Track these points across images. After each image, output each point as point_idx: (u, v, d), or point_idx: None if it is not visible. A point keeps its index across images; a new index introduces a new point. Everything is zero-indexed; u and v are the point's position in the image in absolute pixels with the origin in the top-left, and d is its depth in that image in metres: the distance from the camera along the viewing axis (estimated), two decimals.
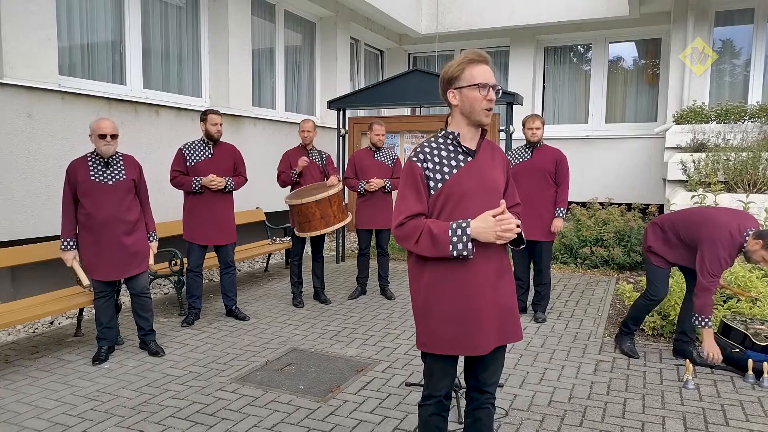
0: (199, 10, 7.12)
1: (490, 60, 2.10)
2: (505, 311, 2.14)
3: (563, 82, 10.80)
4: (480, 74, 2.04)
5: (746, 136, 7.31)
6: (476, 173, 2.12)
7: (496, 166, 2.19)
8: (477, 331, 2.07)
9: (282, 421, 3.20)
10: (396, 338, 4.64)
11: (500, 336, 2.14)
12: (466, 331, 2.07)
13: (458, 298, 2.08)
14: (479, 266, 2.08)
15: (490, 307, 2.10)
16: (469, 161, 2.12)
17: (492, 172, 2.16)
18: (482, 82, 2.03)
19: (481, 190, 2.11)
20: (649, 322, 4.64)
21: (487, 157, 2.18)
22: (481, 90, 2.03)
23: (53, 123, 5.14)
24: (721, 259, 3.62)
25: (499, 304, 2.13)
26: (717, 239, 3.63)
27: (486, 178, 2.13)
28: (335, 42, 9.42)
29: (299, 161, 5.34)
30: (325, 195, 4.99)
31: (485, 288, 2.09)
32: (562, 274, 7.08)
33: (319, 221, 5.06)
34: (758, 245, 3.54)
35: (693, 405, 3.43)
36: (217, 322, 5.05)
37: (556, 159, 4.98)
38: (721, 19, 8.87)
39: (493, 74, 2.09)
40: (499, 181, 2.17)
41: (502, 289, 2.14)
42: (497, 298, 2.12)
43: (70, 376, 3.82)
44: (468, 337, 2.07)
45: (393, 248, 8.10)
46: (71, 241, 4.02)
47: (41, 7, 4.99)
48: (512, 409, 3.37)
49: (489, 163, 2.17)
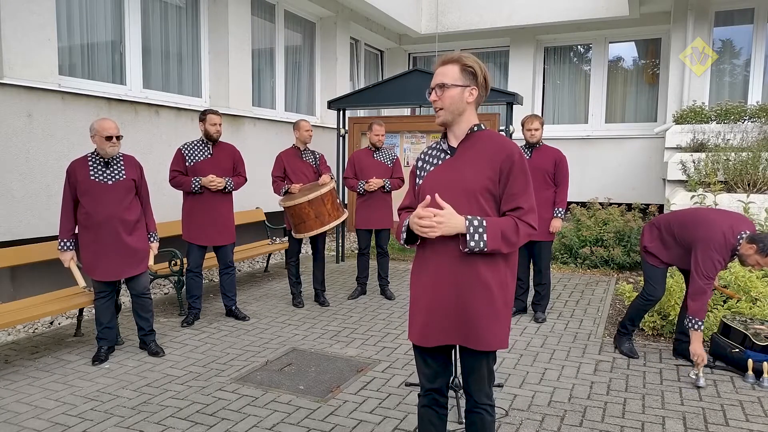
0: (199, 10, 7.12)
1: (449, 58, 2.14)
2: (464, 317, 2.10)
3: (563, 82, 10.80)
4: (432, 80, 2.17)
5: (746, 136, 7.31)
6: (448, 170, 2.16)
7: (479, 163, 2.10)
8: (422, 321, 2.17)
9: (282, 421, 3.21)
10: (396, 338, 4.64)
11: (459, 338, 2.12)
12: (418, 321, 2.18)
13: (415, 291, 2.22)
14: (431, 264, 2.15)
15: (436, 303, 2.13)
16: (447, 159, 2.18)
17: (465, 170, 2.11)
18: (431, 86, 2.16)
19: (448, 186, 2.13)
20: (648, 322, 4.64)
21: (469, 155, 2.14)
22: (429, 95, 2.18)
23: (53, 123, 5.14)
24: (715, 260, 3.62)
25: (455, 306, 2.10)
26: (710, 241, 3.63)
27: (455, 174, 2.13)
28: (335, 42, 9.42)
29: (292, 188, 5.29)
30: (318, 194, 4.98)
31: (434, 285, 2.13)
32: (562, 274, 7.08)
33: (314, 221, 5.05)
34: (752, 250, 3.53)
35: (693, 405, 3.43)
36: (217, 322, 5.05)
37: (556, 159, 4.98)
38: (721, 19, 8.87)
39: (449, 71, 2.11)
40: (471, 179, 2.09)
41: (463, 294, 2.09)
42: (455, 300, 2.09)
43: (70, 376, 3.82)
44: (418, 326, 2.18)
45: (393, 248, 8.10)
46: (69, 241, 4.02)
47: (41, 7, 4.99)
48: (512, 409, 3.37)
49: (468, 160, 2.13)
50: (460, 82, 2.10)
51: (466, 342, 2.12)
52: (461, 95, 2.11)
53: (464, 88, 2.10)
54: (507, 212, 2.09)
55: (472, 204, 2.08)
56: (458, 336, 2.13)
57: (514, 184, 2.08)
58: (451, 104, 2.11)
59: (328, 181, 5.22)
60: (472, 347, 2.11)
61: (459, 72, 2.10)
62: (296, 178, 5.42)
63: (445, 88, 2.10)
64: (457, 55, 2.14)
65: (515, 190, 2.08)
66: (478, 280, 2.08)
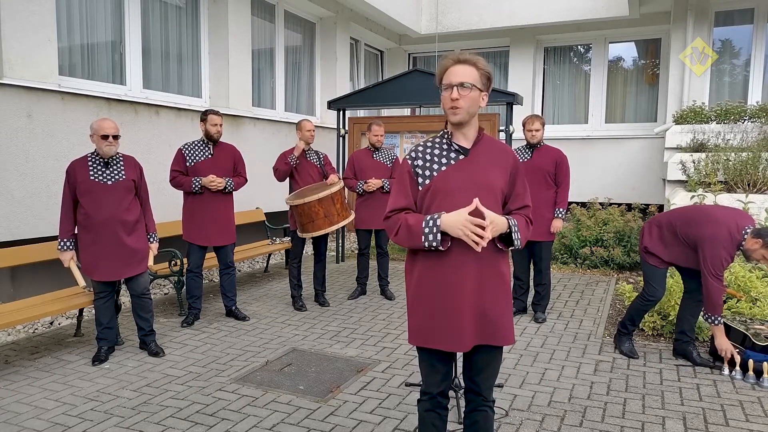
0: (199, 10, 7.12)
1: (466, 59, 2.12)
2: (486, 313, 2.13)
3: (563, 82, 10.80)
4: (447, 76, 2.12)
5: (746, 136, 7.30)
6: (466, 171, 2.15)
7: (494, 165, 2.18)
8: (452, 327, 2.12)
9: (282, 421, 3.21)
10: (396, 338, 4.63)
11: (481, 336, 2.14)
12: (442, 326, 2.14)
13: (436, 295, 2.14)
14: (457, 265, 2.11)
15: (466, 306, 2.11)
16: (461, 159, 2.17)
17: (486, 171, 2.16)
18: (446, 83, 2.12)
19: (471, 186, 2.12)
20: (648, 322, 4.64)
21: (483, 156, 2.18)
22: (445, 91, 2.13)
23: (53, 123, 5.14)
24: (722, 258, 3.63)
25: (478, 305, 2.12)
26: (717, 239, 3.64)
27: (477, 175, 2.14)
28: (335, 42, 9.42)
29: (296, 145, 5.32)
30: (328, 193, 4.95)
31: (462, 287, 2.10)
32: (562, 274, 7.08)
33: (323, 220, 4.99)
34: (757, 244, 3.54)
35: (693, 405, 3.43)
36: (217, 322, 5.05)
37: (556, 159, 4.98)
38: (721, 19, 8.87)
39: (469, 72, 2.09)
40: (493, 180, 2.15)
41: (486, 292, 2.12)
42: (477, 299, 2.12)
43: (69, 377, 3.82)
44: (443, 331, 2.14)
45: (392, 248, 8.10)
46: (68, 241, 4.02)
47: (41, 7, 4.99)
48: (512, 409, 3.37)
49: (485, 162, 2.17)
50: (479, 85, 2.12)
51: (488, 339, 2.15)
52: (477, 98, 2.13)
53: (480, 92, 2.13)
54: (514, 210, 2.22)
55: (491, 203, 2.13)
56: (481, 335, 2.15)
57: (519, 184, 2.24)
58: (470, 105, 2.12)
59: (336, 181, 5.22)
60: (498, 343, 2.16)
61: (478, 75, 2.11)
62: (302, 178, 5.41)
63: (468, 88, 2.09)
64: (472, 58, 2.13)
65: (521, 190, 2.24)
66: (499, 277, 2.16)
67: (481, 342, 2.16)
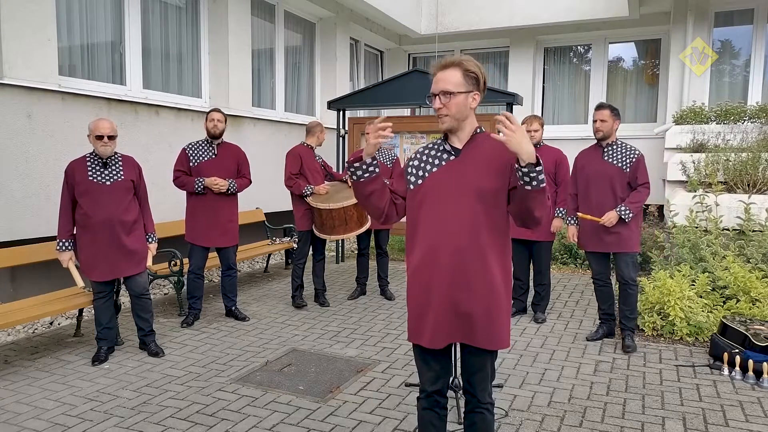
0: (199, 10, 7.12)
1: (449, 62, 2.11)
2: (464, 312, 2.10)
3: (563, 82, 10.79)
4: (433, 84, 2.15)
5: (746, 137, 7.30)
6: (456, 172, 2.15)
7: (486, 164, 2.13)
8: (427, 324, 2.15)
9: (282, 421, 3.20)
10: (396, 338, 4.63)
11: (460, 336, 2.13)
12: (423, 322, 2.17)
13: (419, 292, 2.18)
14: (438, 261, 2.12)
15: (437, 302, 2.12)
16: (452, 159, 2.17)
17: (475, 172, 2.12)
18: (431, 92, 2.14)
19: (461, 187, 2.12)
20: (648, 322, 4.64)
21: (474, 156, 2.15)
22: (430, 100, 2.16)
23: (53, 123, 5.13)
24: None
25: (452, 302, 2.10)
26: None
27: (464, 176, 2.13)
28: (335, 42, 9.42)
29: (319, 188, 5.35)
30: (353, 202, 5.05)
31: (440, 282, 2.11)
32: (562, 274, 7.08)
33: (344, 226, 5.17)
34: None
35: (693, 405, 3.43)
36: (217, 322, 5.05)
37: (556, 159, 4.98)
38: (721, 20, 8.86)
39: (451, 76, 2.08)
40: (480, 181, 2.11)
41: (464, 289, 2.09)
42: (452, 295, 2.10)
43: (69, 377, 3.82)
44: (423, 327, 2.17)
45: (392, 248, 8.10)
46: (67, 242, 4.02)
47: (41, 7, 4.99)
48: (512, 409, 3.37)
49: (476, 161, 2.14)
50: (463, 88, 2.09)
51: (470, 340, 2.13)
52: (465, 101, 2.11)
53: (468, 93, 2.10)
54: None
55: (479, 204, 2.10)
56: (462, 334, 2.13)
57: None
58: (457, 111, 2.11)
59: None
60: (479, 345, 2.12)
61: (462, 77, 2.09)
62: (312, 177, 5.41)
63: (450, 95, 2.08)
64: (457, 59, 2.12)
65: None
66: (485, 273, 2.10)
67: (463, 342, 2.15)
